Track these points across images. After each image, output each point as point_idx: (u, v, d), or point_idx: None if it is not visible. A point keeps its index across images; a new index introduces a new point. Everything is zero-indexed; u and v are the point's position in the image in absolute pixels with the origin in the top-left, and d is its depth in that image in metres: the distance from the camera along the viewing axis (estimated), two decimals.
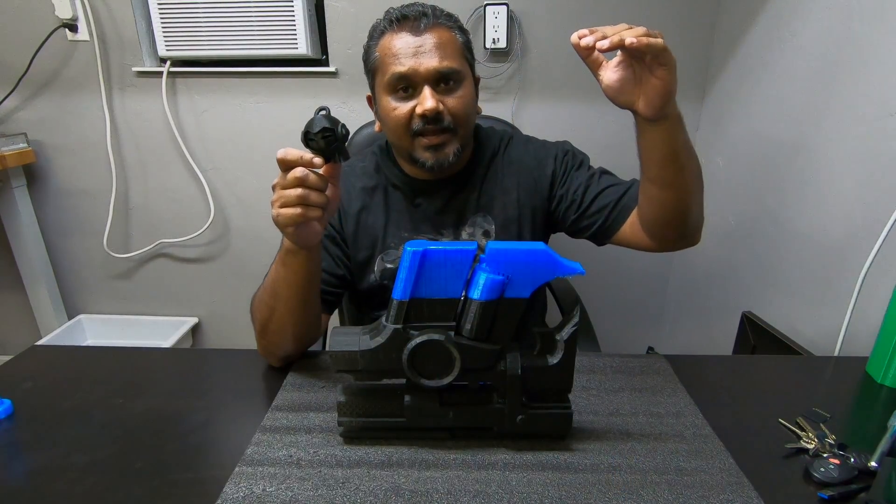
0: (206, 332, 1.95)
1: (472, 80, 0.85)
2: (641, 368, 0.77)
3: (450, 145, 0.82)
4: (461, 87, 0.81)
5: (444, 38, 0.79)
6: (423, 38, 0.78)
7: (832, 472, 0.55)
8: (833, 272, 1.02)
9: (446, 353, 0.56)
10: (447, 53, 0.79)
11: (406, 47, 0.78)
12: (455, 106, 0.80)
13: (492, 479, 0.55)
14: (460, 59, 0.81)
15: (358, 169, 0.92)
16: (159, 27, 1.53)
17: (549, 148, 0.94)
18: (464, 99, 0.81)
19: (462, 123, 0.82)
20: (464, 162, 0.90)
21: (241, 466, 0.57)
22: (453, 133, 0.82)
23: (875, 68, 0.94)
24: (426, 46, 0.78)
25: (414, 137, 0.81)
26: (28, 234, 1.74)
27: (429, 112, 0.78)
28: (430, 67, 0.78)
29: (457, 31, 0.82)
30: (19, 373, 0.76)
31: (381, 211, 0.90)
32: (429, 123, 0.79)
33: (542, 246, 0.56)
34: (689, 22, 1.50)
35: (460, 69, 0.80)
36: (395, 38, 0.79)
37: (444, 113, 0.80)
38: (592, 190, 0.87)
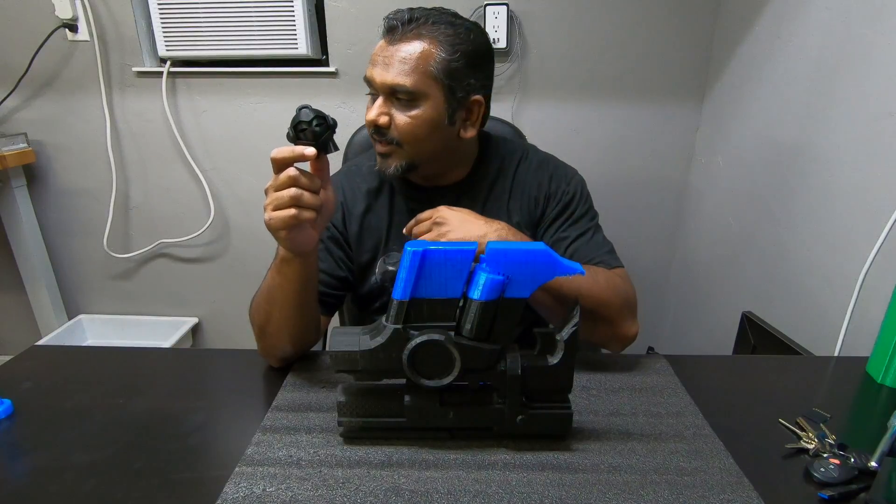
0: (206, 332, 1.95)
1: (444, 101, 0.78)
2: (641, 368, 0.77)
3: (393, 158, 0.81)
4: (418, 105, 0.77)
5: (414, 53, 0.75)
6: (393, 48, 0.76)
7: (832, 472, 0.55)
8: (833, 272, 1.03)
9: (446, 353, 0.56)
10: (408, 69, 0.75)
11: (378, 54, 0.78)
12: (402, 123, 0.78)
13: (492, 479, 0.55)
14: (423, 77, 0.76)
15: (364, 169, 0.91)
16: (159, 27, 1.53)
17: (560, 180, 0.89)
18: (416, 119, 0.77)
19: (409, 142, 0.79)
20: (462, 173, 0.89)
21: (241, 466, 0.57)
22: (398, 147, 0.80)
23: (875, 68, 0.94)
24: (391, 58, 0.76)
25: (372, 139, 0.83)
26: (28, 234, 1.74)
27: (367, 122, 0.80)
28: (384, 80, 0.76)
29: (440, 47, 0.76)
30: (19, 373, 0.76)
31: (385, 213, 0.89)
32: (375, 132, 0.80)
33: (542, 246, 0.56)
34: (689, 22, 1.50)
35: (414, 88, 0.76)
36: (380, 43, 0.79)
37: (386, 126, 0.78)
38: (574, 256, 0.84)
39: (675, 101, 1.59)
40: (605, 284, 0.75)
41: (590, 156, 1.65)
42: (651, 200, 1.71)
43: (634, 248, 1.77)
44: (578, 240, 0.84)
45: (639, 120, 1.61)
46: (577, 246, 0.83)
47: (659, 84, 1.57)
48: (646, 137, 1.63)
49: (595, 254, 0.82)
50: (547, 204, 0.88)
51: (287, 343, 0.74)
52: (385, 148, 0.81)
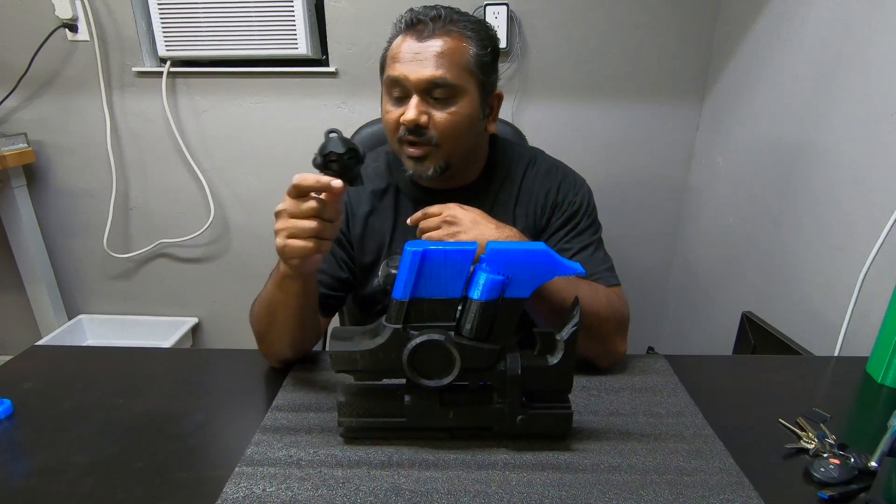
0: (206, 332, 1.95)
1: (479, 96, 0.79)
2: (641, 368, 0.77)
3: (431, 159, 0.79)
4: (456, 102, 0.77)
5: (448, 47, 0.75)
6: (425, 44, 0.75)
7: (832, 472, 0.55)
8: (833, 272, 1.03)
9: (446, 353, 0.56)
10: (445, 63, 0.75)
11: (406, 52, 0.75)
12: (442, 121, 0.76)
13: (492, 479, 0.55)
14: (461, 71, 0.76)
15: (370, 169, 0.89)
16: (159, 27, 1.53)
17: (567, 190, 0.88)
18: (455, 116, 0.77)
19: (448, 140, 0.78)
20: (473, 176, 0.88)
21: (241, 466, 0.57)
22: (437, 147, 0.78)
23: (875, 68, 0.94)
24: (424, 54, 0.75)
25: (401, 144, 0.79)
26: (28, 234, 1.74)
27: (407, 122, 0.75)
28: (421, 76, 0.74)
29: (471, 42, 0.77)
30: (19, 373, 0.76)
31: (389, 215, 0.87)
32: (410, 133, 0.77)
33: (542, 246, 0.56)
34: (689, 22, 1.50)
35: (456, 83, 0.75)
36: (402, 42, 0.77)
37: (426, 126, 0.76)
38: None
39: (675, 101, 1.59)
40: (604, 301, 0.75)
41: (590, 156, 1.65)
42: (651, 200, 1.71)
43: (634, 248, 1.77)
44: (580, 253, 0.84)
45: (639, 120, 1.61)
46: (579, 259, 0.83)
47: (659, 84, 1.57)
48: (646, 137, 1.63)
49: (595, 269, 0.82)
50: (553, 212, 0.88)
51: (287, 349, 0.75)
52: (421, 150, 0.78)
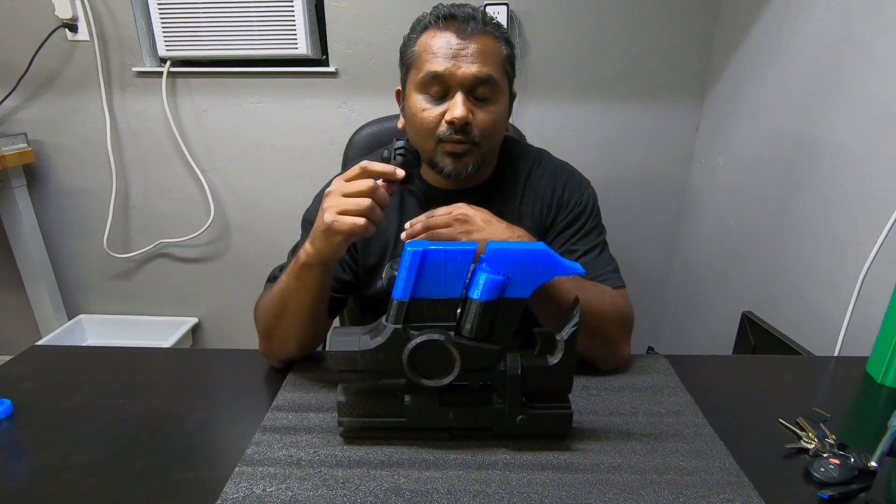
0: (206, 332, 1.95)
1: (508, 96, 0.81)
2: (641, 368, 0.77)
3: (470, 156, 0.78)
4: (496, 101, 0.77)
5: (488, 47, 0.76)
6: (467, 41, 0.74)
7: (832, 472, 0.55)
8: (833, 272, 1.03)
9: (446, 353, 0.56)
10: (489, 62, 0.75)
11: (447, 47, 0.74)
12: (485, 120, 0.77)
13: (492, 479, 0.55)
14: (500, 71, 0.77)
15: None
16: (159, 27, 1.53)
17: (573, 190, 0.88)
18: (495, 114, 0.78)
19: (487, 139, 0.78)
20: (485, 176, 0.87)
21: (241, 466, 0.57)
22: (477, 146, 0.78)
23: (875, 68, 0.94)
24: (469, 50, 0.74)
25: (438, 143, 0.78)
26: (28, 234, 1.74)
27: (458, 120, 0.74)
28: (469, 73, 0.74)
29: (503, 43, 0.79)
30: (19, 373, 0.76)
31: (394, 216, 0.87)
32: (455, 133, 0.76)
33: (542, 246, 0.56)
34: (689, 22, 1.50)
35: (499, 81, 0.77)
36: (437, 36, 0.75)
37: (472, 124, 0.76)
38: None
39: (675, 101, 1.59)
40: (611, 303, 0.75)
41: (590, 156, 1.65)
42: (651, 200, 1.71)
43: (634, 248, 1.77)
44: (586, 255, 0.84)
45: (639, 120, 1.61)
46: (585, 261, 0.82)
47: (659, 84, 1.57)
48: (646, 137, 1.63)
49: (601, 271, 0.82)
50: (558, 212, 0.87)
51: (293, 347, 0.75)
52: (463, 147, 0.77)
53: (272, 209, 1.76)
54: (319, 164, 1.69)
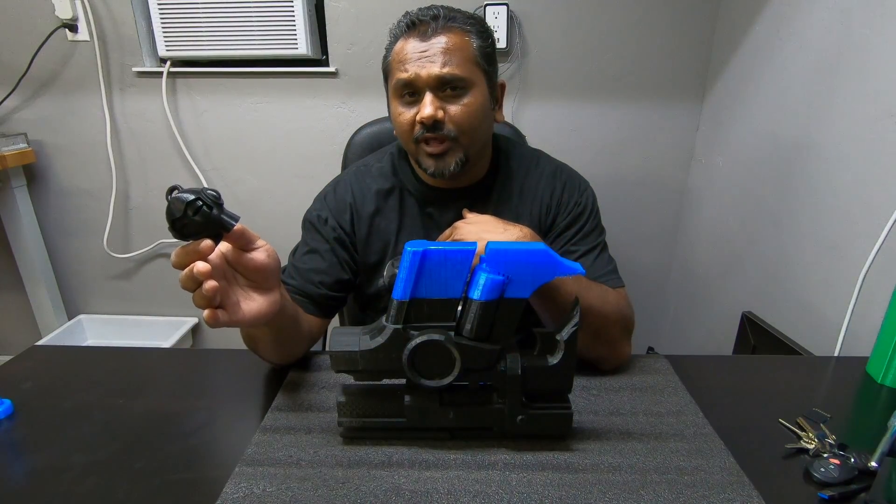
0: (206, 332, 1.95)
1: (486, 87, 0.81)
2: (641, 368, 0.77)
3: (451, 154, 0.79)
4: (467, 94, 0.78)
5: (453, 43, 0.76)
6: (429, 42, 0.76)
7: (832, 472, 0.55)
8: (833, 272, 1.03)
9: (446, 353, 0.56)
10: (453, 59, 0.76)
11: (412, 52, 0.76)
12: (457, 114, 0.77)
13: (492, 479, 0.55)
14: (469, 65, 0.78)
15: (374, 170, 0.90)
16: (159, 27, 1.53)
17: (573, 190, 0.89)
18: (469, 107, 0.78)
19: (465, 132, 0.79)
20: (479, 174, 0.88)
21: (241, 466, 0.57)
22: (455, 141, 0.79)
23: (875, 68, 0.94)
24: (431, 51, 0.76)
25: (417, 143, 0.80)
26: (28, 234, 1.74)
27: (426, 120, 0.76)
28: (431, 73, 0.75)
29: (473, 36, 0.79)
30: (19, 373, 0.76)
31: (394, 216, 0.88)
32: (429, 131, 0.77)
33: (542, 246, 0.56)
34: (689, 22, 1.50)
35: (465, 76, 0.77)
36: (405, 44, 0.78)
37: (443, 121, 0.77)
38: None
39: (675, 101, 1.59)
40: (613, 304, 0.75)
41: (590, 156, 1.65)
42: (651, 200, 1.71)
43: (634, 248, 1.77)
44: (586, 255, 0.84)
45: (639, 120, 1.61)
46: (585, 262, 0.83)
47: (659, 84, 1.57)
48: (646, 137, 1.63)
49: (601, 272, 0.82)
50: (558, 212, 0.88)
51: (277, 361, 0.77)
52: (440, 147, 0.79)
53: (272, 209, 1.76)
54: (319, 165, 1.69)
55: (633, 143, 1.64)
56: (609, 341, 0.75)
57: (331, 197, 0.88)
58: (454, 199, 0.87)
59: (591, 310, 0.71)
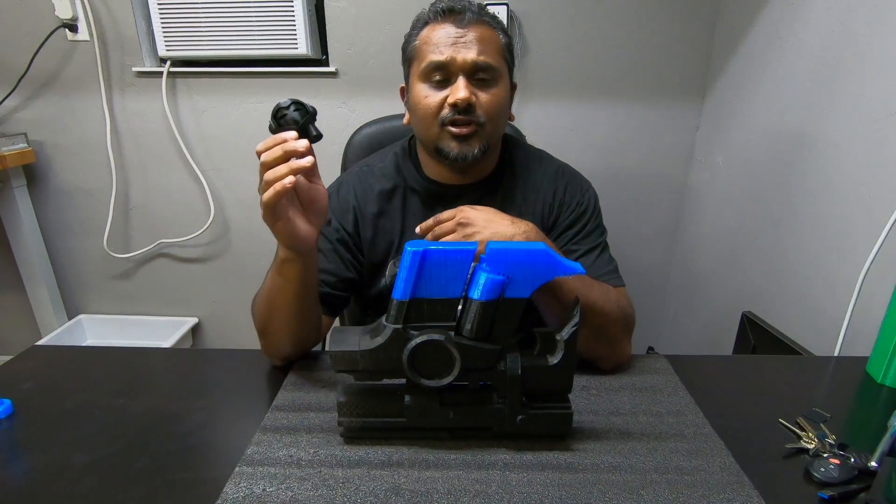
0: (206, 332, 1.95)
1: (508, 83, 0.84)
2: (641, 368, 0.77)
3: (476, 139, 0.80)
4: (496, 85, 0.80)
5: (486, 35, 0.79)
6: (465, 30, 0.78)
7: (832, 472, 0.55)
8: (833, 272, 1.03)
9: (446, 353, 0.56)
10: (487, 49, 0.78)
11: (447, 37, 0.78)
12: (488, 101, 0.79)
13: (492, 479, 0.55)
14: (499, 58, 0.81)
15: (377, 170, 0.90)
16: (159, 27, 1.53)
17: (575, 190, 0.90)
18: (497, 97, 0.80)
19: (492, 120, 0.80)
20: (487, 171, 0.88)
21: (241, 466, 0.57)
22: (482, 127, 0.80)
23: (875, 68, 0.94)
24: (467, 38, 0.77)
25: (442, 127, 0.80)
26: (28, 234, 1.74)
27: (460, 102, 0.76)
28: (468, 58, 0.77)
29: (500, 32, 0.82)
30: (19, 373, 0.76)
31: (398, 216, 0.88)
32: (459, 114, 0.78)
33: (542, 246, 0.56)
34: (689, 22, 1.50)
35: (498, 67, 0.80)
36: (437, 28, 0.79)
37: (475, 105, 0.78)
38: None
39: (675, 101, 1.59)
40: (615, 302, 0.75)
41: (590, 156, 1.65)
42: (651, 200, 1.71)
43: (634, 248, 1.77)
44: (587, 255, 0.84)
45: (639, 120, 1.61)
46: (586, 261, 0.83)
47: (659, 84, 1.57)
48: (646, 137, 1.63)
49: (602, 271, 0.83)
50: (561, 211, 0.88)
51: (287, 344, 0.74)
52: (468, 129, 0.79)
53: None
54: (319, 164, 1.68)
55: (633, 143, 1.64)
56: (610, 340, 0.75)
57: (334, 199, 0.88)
58: (460, 195, 0.87)
59: (594, 308, 0.71)
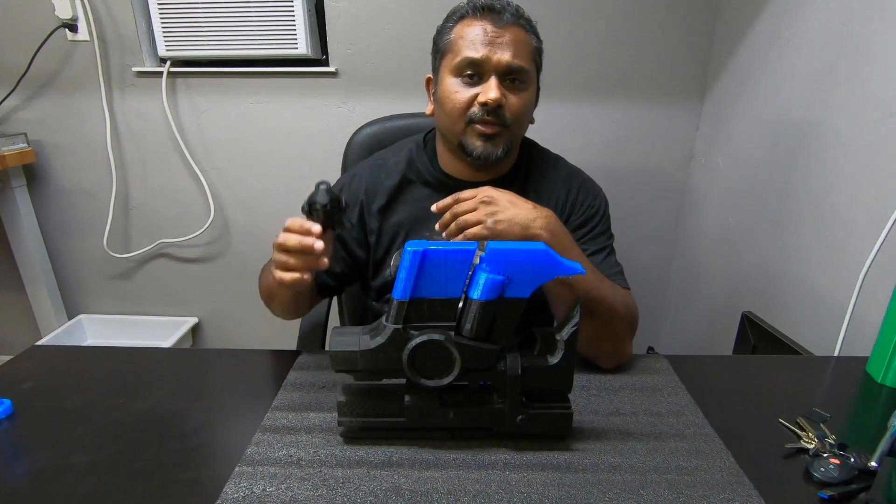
0: (206, 332, 1.95)
1: (536, 86, 0.85)
2: (641, 368, 0.77)
3: (501, 139, 0.81)
4: (526, 89, 0.81)
5: (521, 38, 0.80)
6: (503, 30, 0.78)
7: (832, 472, 0.55)
8: (833, 272, 1.03)
9: (446, 353, 0.56)
10: (521, 52, 0.79)
11: (484, 35, 0.78)
12: (516, 104, 0.80)
13: (492, 479, 0.55)
14: (531, 62, 0.81)
15: (390, 164, 0.91)
16: (159, 27, 1.53)
17: (587, 193, 0.91)
18: (525, 100, 0.81)
19: (517, 123, 0.82)
20: (504, 169, 0.89)
21: (241, 466, 0.57)
22: (508, 129, 0.81)
23: (875, 68, 0.94)
24: (504, 39, 0.78)
25: (469, 124, 0.81)
26: (28, 234, 1.74)
27: (492, 102, 0.77)
28: (504, 59, 0.77)
29: (533, 36, 0.83)
30: (19, 373, 0.76)
31: (405, 208, 0.89)
32: (488, 114, 0.79)
33: (542, 246, 0.56)
34: (689, 22, 1.50)
35: (529, 70, 0.81)
36: (474, 24, 0.79)
37: (504, 107, 0.79)
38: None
39: (675, 101, 1.59)
40: (622, 299, 0.76)
41: (590, 156, 1.64)
42: (651, 200, 1.71)
43: (635, 247, 1.77)
44: (595, 255, 0.85)
45: (639, 120, 1.61)
46: (594, 261, 0.84)
47: (659, 84, 1.57)
48: (646, 137, 1.63)
49: (607, 272, 0.83)
50: (572, 211, 0.90)
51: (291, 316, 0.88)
52: (495, 129, 0.80)
53: (272, 209, 1.76)
54: (319, 164, 1.69)
55: (633, 143, 1.64)
56: (614, 336, 0.75)
57: (346, 190, 0.91)
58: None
59: (604, 300, 0.72)
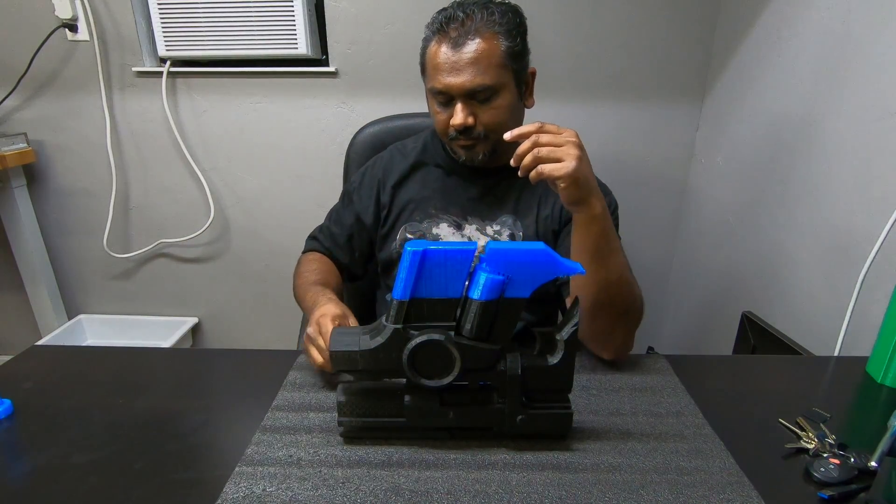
0: (206, 332, 1.95)
1: (514, 85, 0.85)
2: (641, 368, 0.77)
3: (480, 147, 0.86)
4: (497, 97, 0.83)
5: (481, 51, 0.79)
6: (459, 53, 0.79)
7: (832, 472, 0.55)
8: (833, 272, 1.03)
9: (446, 353, 0.56)
10: (482, 68, 0.80)
11: (444, 62, 0.80)
12: (489, 116, 0.84)
13: (492, 479, 0.55)
14: (496, 70, 0.81)
15: (409, 148, 0.99)
16: (159, 27, 1.53)
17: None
18: (498, 109, 0.84)
19: (495, 130, 0.84)
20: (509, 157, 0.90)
21: (241, 466, 0.57)
22: (485, 139, 0.85)
23: (875, 68, 0.94)
24: (461, 62, 0.79)
25: (450, 140, 0.88)
26: (28, 234, 1.74)
27: (457, 127, 0.83)
28: (466, 85, 0.80)
29: (501, 38, 0.81)
30: (19, 373, 0.76)
31: (416, 186, 0.95)
32: (460, 134, 0.84)
33: (542, 246, 0.56)
34: (689, 22, 1.50)
35: (493, 83, 0.81)
36: (438, 48, 0.81)
37: (474, 125, 0.83)
38: None
39: (675, 101, 1.58)
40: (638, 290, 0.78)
41: (589, 155, 1.64)
42: (651, 200, 1.71)
43: (634, 247, 1.76)
44: None
45: (639, 120, 1.61)
46: None
47: (659, 84, 1.57)
48: (646, 137, 1.63)
49: None
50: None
51: None
52: (469, 142, 0.86)
53: (272, 209, 1.76)
54: (319, 164, 1.69)
55: (633, 143, 1.64)
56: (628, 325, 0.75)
57: (367, 175, 0.99)
58: (482, 176, 0.93)
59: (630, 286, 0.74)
